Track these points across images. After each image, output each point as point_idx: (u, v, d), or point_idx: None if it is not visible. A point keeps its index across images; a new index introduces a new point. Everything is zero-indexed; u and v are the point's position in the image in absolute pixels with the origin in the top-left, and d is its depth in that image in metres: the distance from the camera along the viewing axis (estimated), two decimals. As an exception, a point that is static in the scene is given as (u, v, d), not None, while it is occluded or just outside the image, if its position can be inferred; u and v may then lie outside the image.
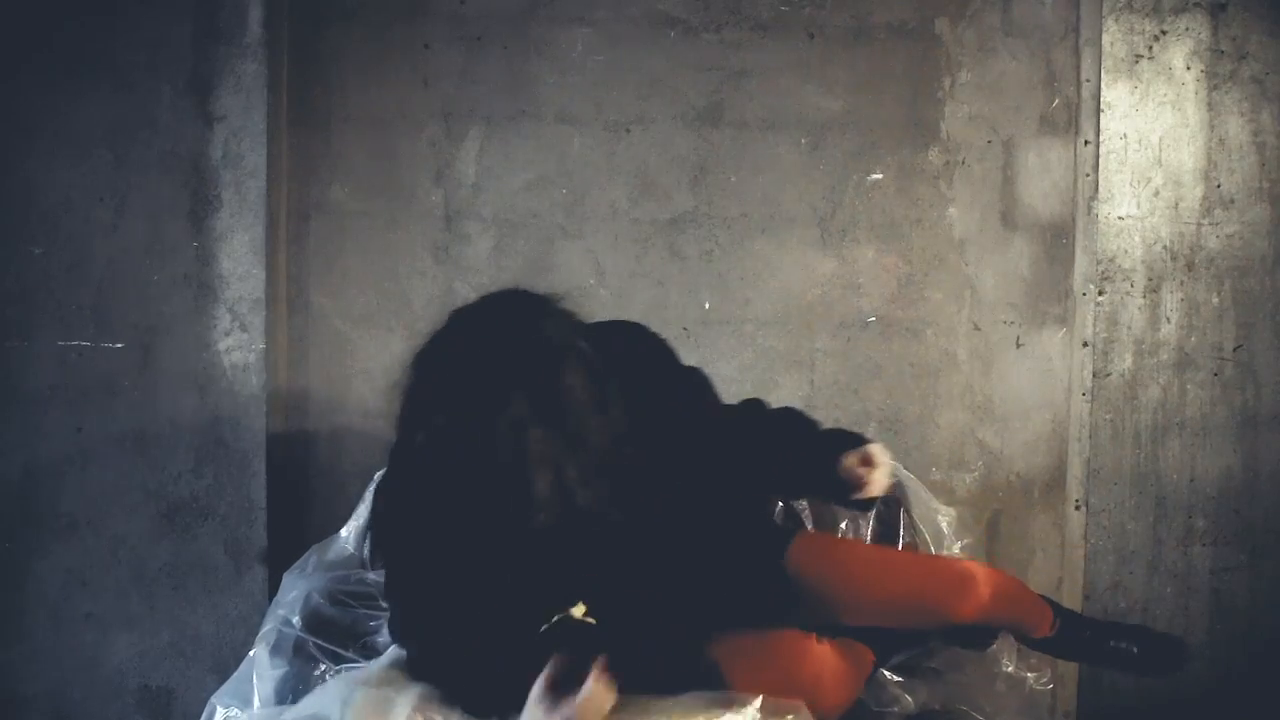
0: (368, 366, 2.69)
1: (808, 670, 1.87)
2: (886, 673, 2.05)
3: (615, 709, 1.72)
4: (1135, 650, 2.15)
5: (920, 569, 2.07)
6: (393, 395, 1.74)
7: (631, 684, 1.83)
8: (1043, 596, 2.18)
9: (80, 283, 2.57)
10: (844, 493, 1.90)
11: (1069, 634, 2.14)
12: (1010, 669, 2.03)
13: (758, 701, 1.78)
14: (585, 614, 1.77)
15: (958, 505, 2.67)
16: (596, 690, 1.62)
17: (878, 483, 1.87)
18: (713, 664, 1.86)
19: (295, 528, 2.65)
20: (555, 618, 1.73)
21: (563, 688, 1.64)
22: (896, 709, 1.99)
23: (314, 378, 2.69)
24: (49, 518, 2.59)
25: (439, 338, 1.73)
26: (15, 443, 2.57)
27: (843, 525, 2.36)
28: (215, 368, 2.58)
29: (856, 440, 1.93)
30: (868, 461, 1.88)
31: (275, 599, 2.16)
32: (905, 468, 2.45)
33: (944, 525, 2.33)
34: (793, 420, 2.02)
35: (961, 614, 1.97)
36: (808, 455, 1.93)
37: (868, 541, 2.24)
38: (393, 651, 1.99)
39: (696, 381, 2.01)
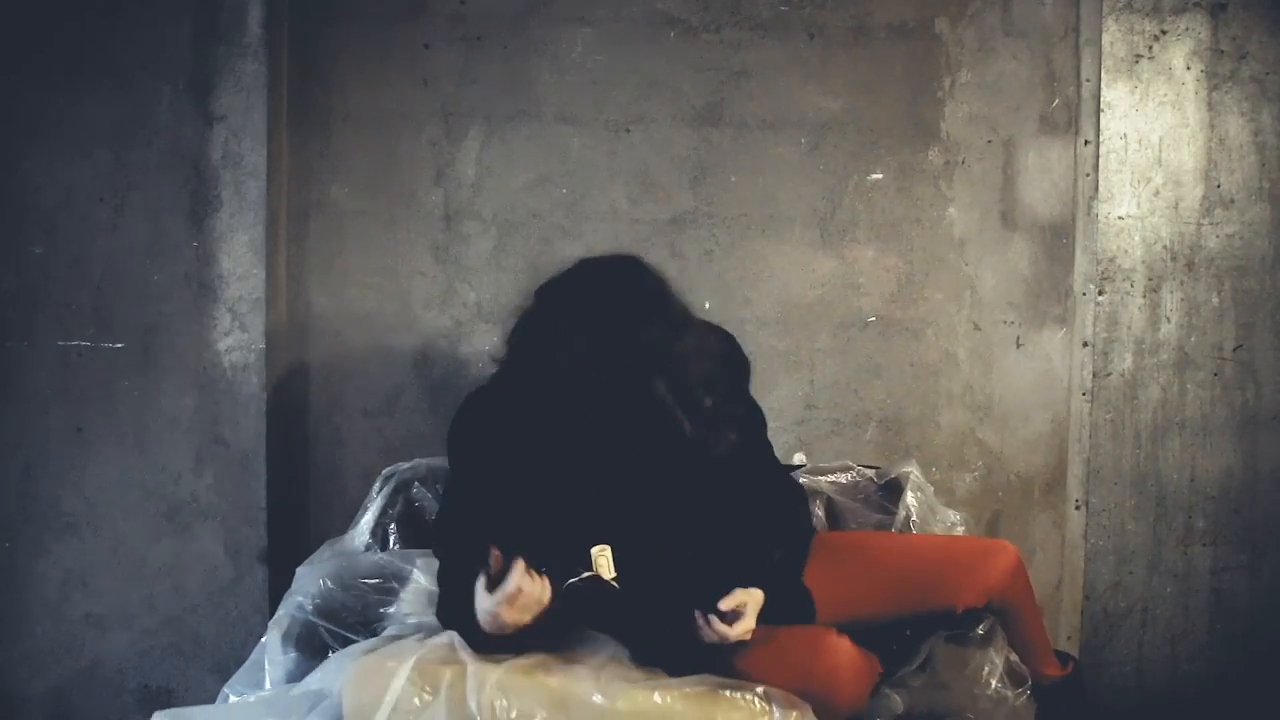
0: (368, 366, 2.69)
1: (825, 661, 1.84)
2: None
3: (622, 686, 1.78)
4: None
5: (947, 540, 2.16)
6: (511, 318, 2.01)
7: (642, 655, 1.86)
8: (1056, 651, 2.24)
9: (80, 283, 2.56)
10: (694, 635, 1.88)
11: (1074, 688, 2.18)
12: (993, 686, 2.04)
13: (760, 689, 1.78)
14: (614, 578, 1.85)
15: (958, 505, 2.68)
16: (520, 583, 1.75)
17: (721, 631, 1.84)
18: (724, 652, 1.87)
19: (295, 528, 2.66)
20: (584, 574, 1.80)
21: (500, 576, 1.77)
22: (887, 705, 2.00)
23: (314, 378, 2.69)
24: (49, 518, 2.59)
25: (568, 280, 1.95)
26: (15, 443, 2.57)
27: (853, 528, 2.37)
28: (215, 368, 2.58)
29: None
30: (735, 612, 1.85)
31: (290, 590, 2.17)
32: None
33: (943, 531, 2.33)
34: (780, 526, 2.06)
35: (989, 578, 2.02)
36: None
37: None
38: (394, 627, 2.02)
39: (756, 417, 2.14)
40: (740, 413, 2.05)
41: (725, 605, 1.83)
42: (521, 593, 1.75)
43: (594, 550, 1.84)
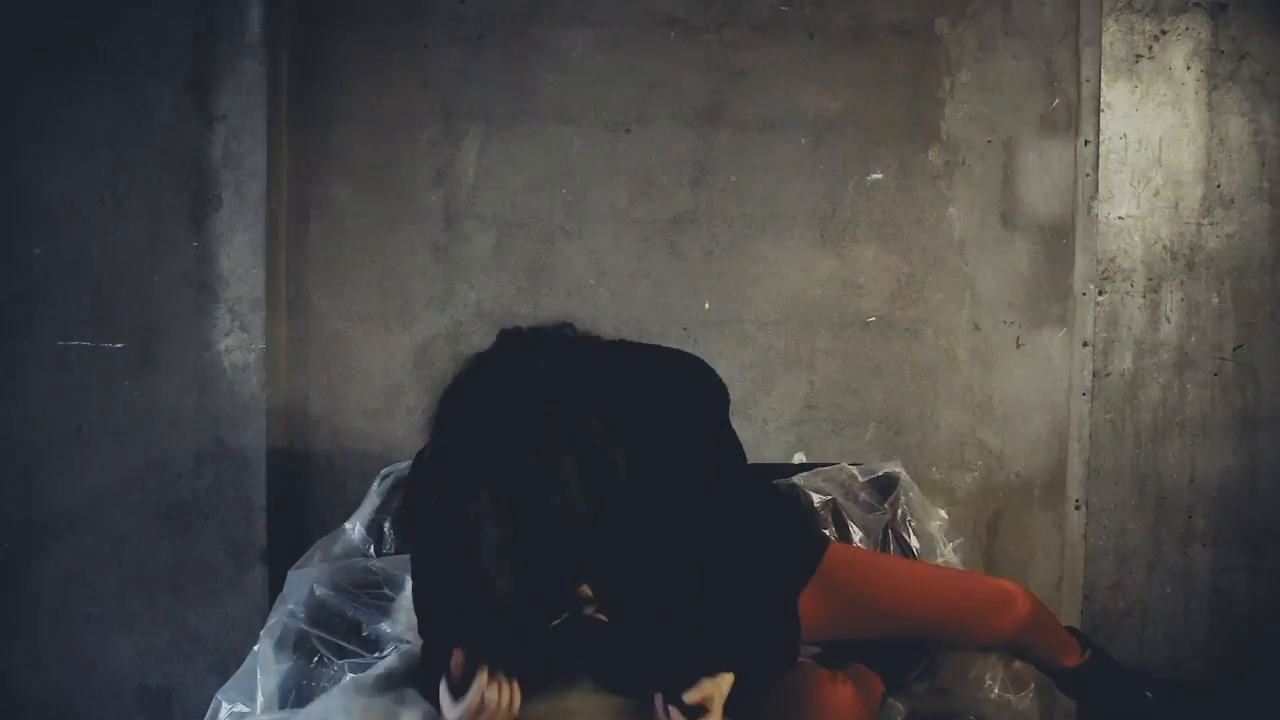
0: (368, 366, 2.69)
1: (822, 713, 1.78)
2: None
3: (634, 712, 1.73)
4: (1152, 697, 2.14)
5: (962, 582, 2.08)
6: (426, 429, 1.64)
7: (632, 689, 1.83)
8: (1069, 628, 2.18)
9: (80, 283, 2.57)
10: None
11: (1097, 669, 2.13)
12: (996, 692, 2.04)
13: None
14: (595, 610, 1.79)
15: (958, 505, 2.68)
16: (485, 696, 1.60)
17: None
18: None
19: (295, 528, 2.66)
20: (565, 614, 1.74)
21: (463, 684, 1.62)
22: (889, 712, 1.99)
23: (314, 378, 2.69)
24: (49, 518, 2.59)
25: (466, 383, 1.61)
26: (15, 443, 2.57)
27: (857, 538, 2.36)
28: (215, 368, 2.58)
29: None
30: (700, 706, 1.67)
31: (281, 595, 2.15)
32: (905, 468, 2.45)
33: (934, 529, 2.32)
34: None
35: (1001, 630, 1.99)
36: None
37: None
38: (396, 655, 1.99)
39: (724, 453, 1.86)
40: (701, 454, 1.79)
41: (690, 698, 1.66)
42: (485, 707, 1.61)
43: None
